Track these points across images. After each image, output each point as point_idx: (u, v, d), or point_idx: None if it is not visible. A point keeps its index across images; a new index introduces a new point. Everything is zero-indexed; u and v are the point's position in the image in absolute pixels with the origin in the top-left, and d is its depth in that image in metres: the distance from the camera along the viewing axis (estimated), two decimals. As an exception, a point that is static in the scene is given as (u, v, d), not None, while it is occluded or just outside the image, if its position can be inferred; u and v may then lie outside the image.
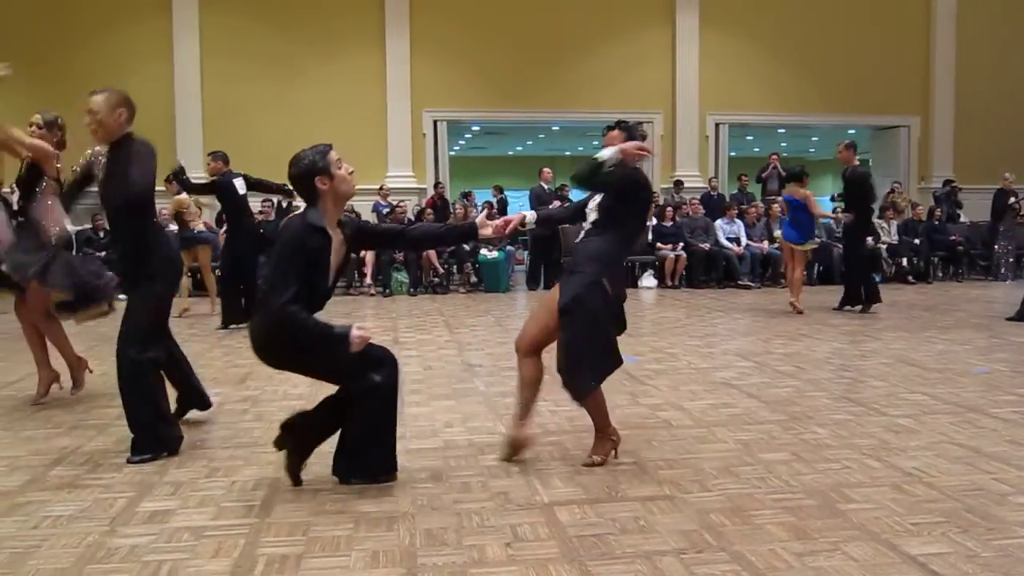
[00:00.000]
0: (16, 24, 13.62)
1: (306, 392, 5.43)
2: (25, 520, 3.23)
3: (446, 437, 4.36)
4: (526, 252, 15.24)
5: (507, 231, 4.10)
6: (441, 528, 3.12)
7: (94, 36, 13.85)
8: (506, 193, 16.87)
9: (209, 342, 7.64)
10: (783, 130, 21.62)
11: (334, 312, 9.77)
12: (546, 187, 13.10)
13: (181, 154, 13.25)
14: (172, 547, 2.97)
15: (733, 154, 17.42)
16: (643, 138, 3.95)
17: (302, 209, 3.51)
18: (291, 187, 3.50)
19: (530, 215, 4.18)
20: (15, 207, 5.06)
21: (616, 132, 3.93)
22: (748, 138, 23.19)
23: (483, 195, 16.50)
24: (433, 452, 4.09)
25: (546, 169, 13.42)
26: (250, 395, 5.40)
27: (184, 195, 9.49)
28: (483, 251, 12.35)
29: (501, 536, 3.04)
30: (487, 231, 3.92)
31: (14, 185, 5.17)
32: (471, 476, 3.73)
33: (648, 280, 12.85)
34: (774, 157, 15.39)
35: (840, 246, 11.55)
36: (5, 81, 4.80)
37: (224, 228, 9.78)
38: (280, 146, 13.60)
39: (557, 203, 12.85)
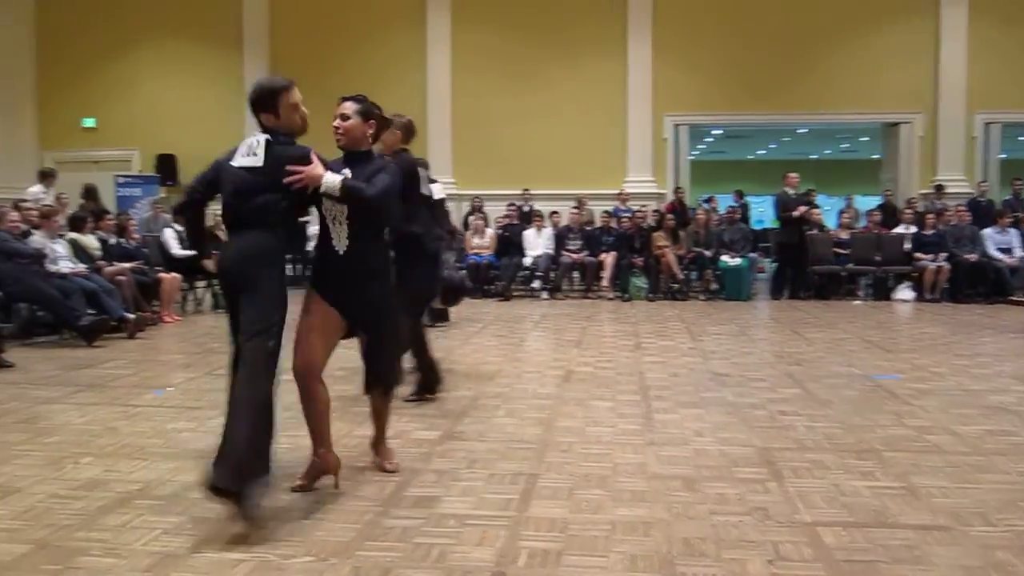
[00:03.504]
0: (298, 41, 14.97)
1: (554, 392, 5.56)
2: (310, 495, 3.53)
3: (696, 446, 4.28)
4: (769, 260, 14.71)
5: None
6: (699, 538, 3.07)
7: (356, 50, 14.91)
8: (747, 198, 16.37)
9: (458, 339, 7.99)
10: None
11: (575, 315, 9.97)
12: (791, 192, 12.56)
13: (431, 163, 14.01)
14: (439, 532, 3.12)
15: (1003, 156, 15.85)
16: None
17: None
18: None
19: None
20: None
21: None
22: (1021, 139, 21.00)
23: (725, 200, 16.10)
24: (684, 460, 4.03)
25: (792, 174, 12.85)
26: (501, 392, 5.59)
27: None
28: (724, 258, 12.05)
29: (762, 552, 2.94)
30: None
31: None
32: (726, 487, 3.63)
33: (905, 292, 11.96)
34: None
35: None
36: None
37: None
38: (523, 154, 14.26)
39: (804, 208, 12.31)
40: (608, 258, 12.05)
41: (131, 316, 8.15)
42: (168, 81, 15.34)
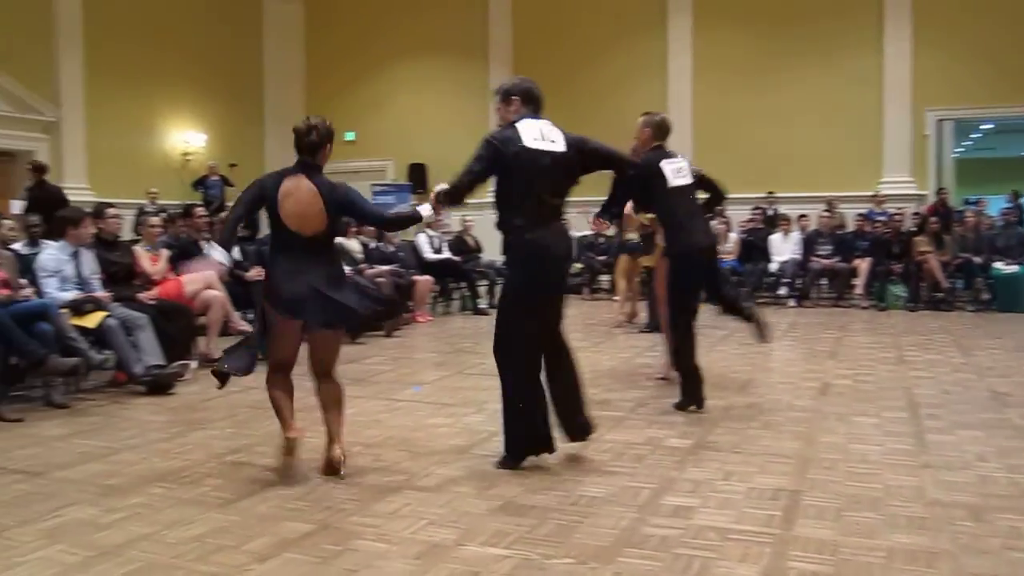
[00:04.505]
0: (540, 51, 15.34)
1: (811, 405, 5.27)
2: (565, 496, 3.55)
3: (981, 472, 3.87)
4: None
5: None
6: (993, 575, 2.76)
7: (596, 57, 15.01)
8: (1024, 199, 14.74)
9: (703, 347, 7.78)
10: None
11: (826, 323, 9.40)
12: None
13: (673, 164, 13.82)
14: (699, 544, 3.03)
15: None
16: None
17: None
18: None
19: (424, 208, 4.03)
20: None
21: None
22: None
23: (996, 203, 14.61)
24: (967, 486, 3.66)
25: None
26: (754, 402, 5.37)
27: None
28: (997, 264, 10.93)
29: (1074, 597, 2.60)
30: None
31: None
32: (1019, 521, 3.25)
33: None
34: None
35: None
36: None
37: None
38: (768, 155, 13.71)
39: None
40: (862, 264, 11.30)
41: (396, 301, 8.64)
42: (419, 94, 16.24)
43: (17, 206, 9.97)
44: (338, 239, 9.29)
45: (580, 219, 12.29)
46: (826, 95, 13.80)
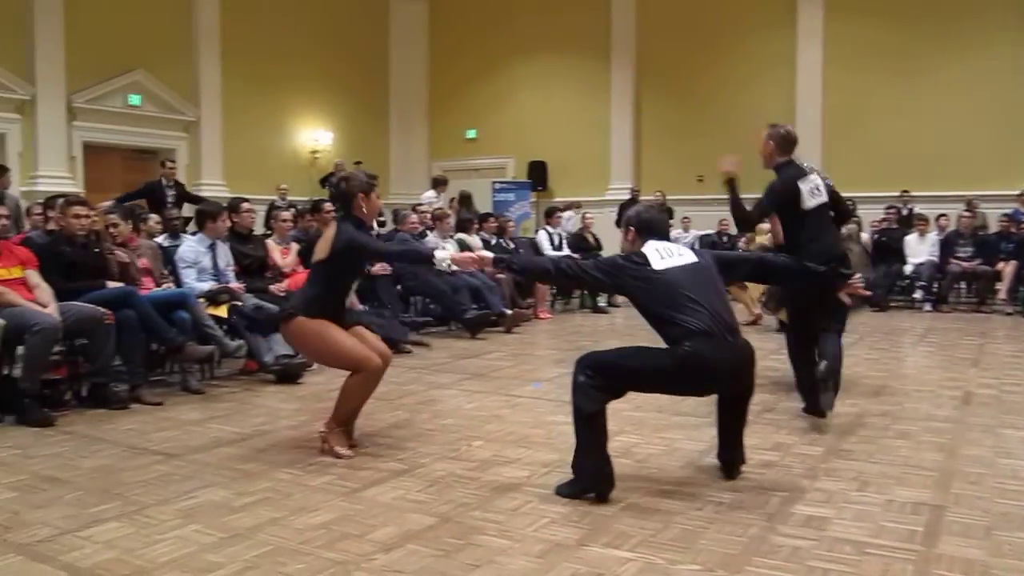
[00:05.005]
0: (663, 46, 15.11)
1: (952, 415, 4.96)
2: (691, 500, 3.45)
3: None
4: None
5: (469, 265, 4.16)
6: None
7: (727, 49, 14.65)
8: None
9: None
10: None
11: (966, 329, 8.88)
12: None
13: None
14: (834, 557, 2.88)
15: None
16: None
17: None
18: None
19: (485, 253, 4.15)
20: None
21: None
22: None
23: None
24: None
25: None
26: (889, 410, 5.10)
27: None
28: None
29: None
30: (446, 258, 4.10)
31: None
32: None
33: None
34: None
35: None
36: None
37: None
38: (903, 153, 13.05)
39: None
40: (1007, 267, 10.60)
41: (508, 312, 8.70)
42: (540, 92, 16.25)
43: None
44: (459, 235, 9.49)
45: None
46: (966, 88, 13.04)
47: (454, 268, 4.31)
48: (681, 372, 3.39)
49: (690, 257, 3.58)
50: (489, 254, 4.10)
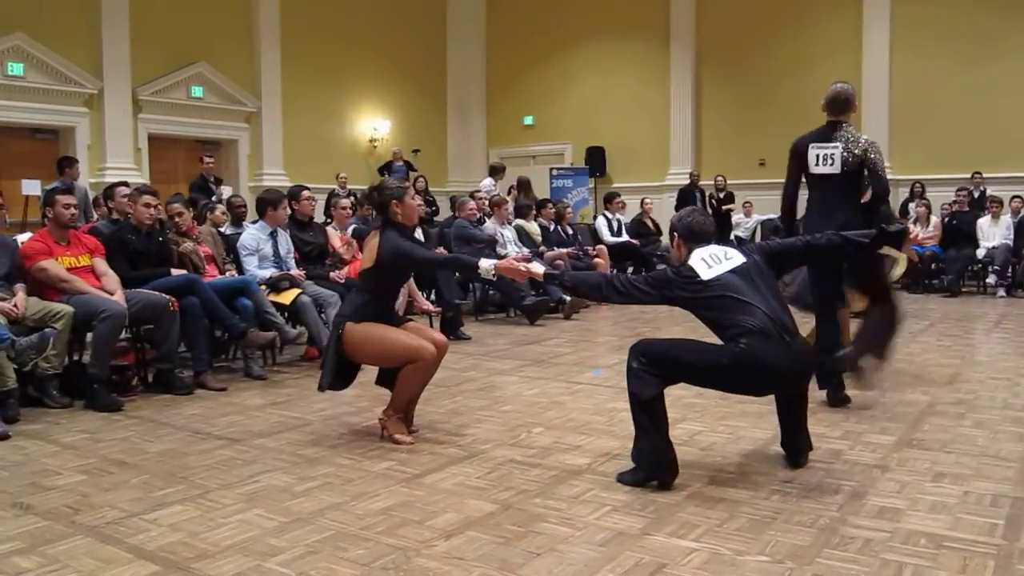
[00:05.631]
0: (723, 30, 14.83)
1: (1031, 403, 4.77)
2: (757, 490, 3.36)
3: None
4: None
5: (510, 272, 4.13)
6: None
7: (789, 32, 14.31)
8: None
9: (902, 337, 7.25)
10: None
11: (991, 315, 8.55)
12: None
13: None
14: (909, 550, 2.76)
15: None
16: None
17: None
18: None
19: (536, 266, 4.11)
20: None
21: None
22: None
23: None
24: None
25: None
26: (963, 398, 4.92)
27: None
28: None
29: None
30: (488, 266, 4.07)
31: None
32: None
33: None
34: None
35: None
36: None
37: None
38: (974, 133, 12.60)
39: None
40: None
41: (567, 298, 8.63)
42: (598, 78, 16.07)
43: (225, 191, 10.68)
44: (518, 221, 9.44)
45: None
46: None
47: (496, 276, 4.32)
48: (736, 371, 3.31)
49: (738, 259, 3.48)
50: (540, 268, 4.07)
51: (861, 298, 4.93)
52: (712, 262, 3.46)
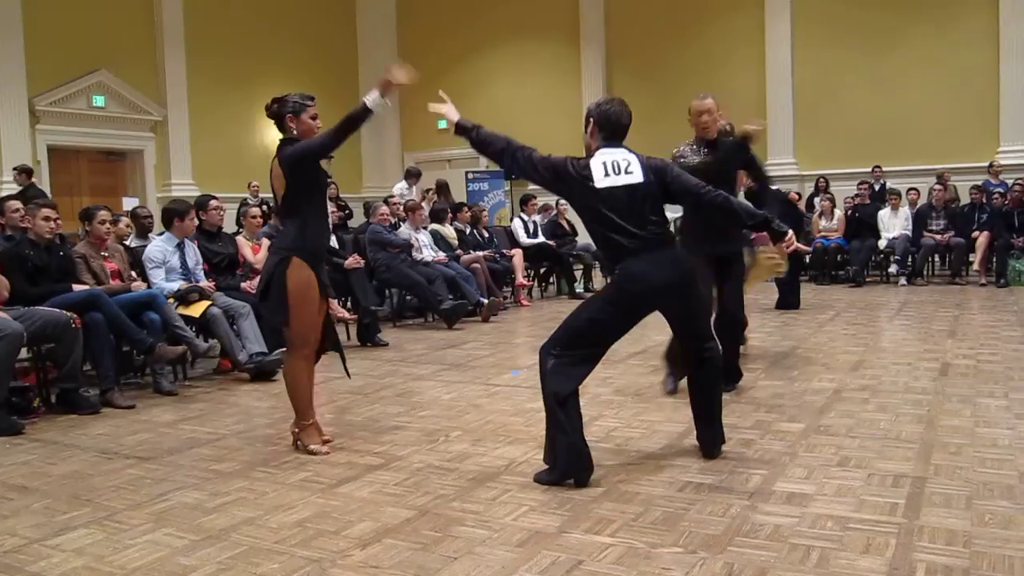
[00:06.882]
0: (632, 29, 15.07)
1: (930, 386, 4.97)
2: (671, 483, 3.42)
3: None
4: None
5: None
6: None
7: (695, 29, 14.59)
8: None
9: (810, 327, 7.50)
10: None
11: (941, 302, 8.93)
12: None
13: (772, 138, 13.34)
14: (817, 534, 2.85)
15: None
16: None
17: None
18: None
19: (450, 110, 4.14)
20: None
21: None
22: None
23: None
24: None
25: None
26: (867, 384, 5.10)
27: None
28: None
29: None
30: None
31: None
32: None
33: None
34: None
35: None
36: None
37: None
38: (874, 128, 13.08)
39: None
40: (980, 239, 10.67)
41: (485, 301, 8.64)
42: (511, 80, 16.16)
43: (129, 203, 10.36)
44: (433, 225, 9.41)
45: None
46: (936, 59, 13.07)
47: (388, 103, 4.20)
48: (622, 295, 3.46)
49: (636, 177, 3.51)
50: (455, 115, 4.07)
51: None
52: (611, 171, 3.53)
